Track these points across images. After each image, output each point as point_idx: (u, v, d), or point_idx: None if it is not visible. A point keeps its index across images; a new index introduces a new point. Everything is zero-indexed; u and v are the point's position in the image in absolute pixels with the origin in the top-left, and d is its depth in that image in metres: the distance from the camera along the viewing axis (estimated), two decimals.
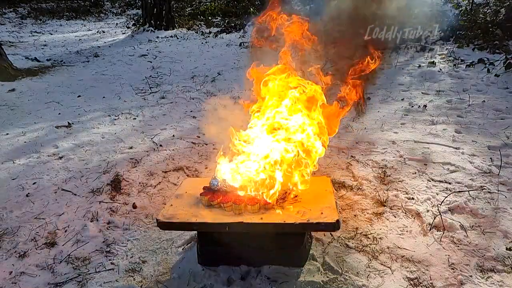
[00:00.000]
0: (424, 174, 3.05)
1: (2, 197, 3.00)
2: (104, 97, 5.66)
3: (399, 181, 2.98)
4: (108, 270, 2.26)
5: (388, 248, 2.28)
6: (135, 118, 4.69)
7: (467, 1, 8.48)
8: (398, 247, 2.29)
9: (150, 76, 6.69)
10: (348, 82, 2.41)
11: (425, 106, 4.54)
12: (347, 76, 2.41)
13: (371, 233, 2.42)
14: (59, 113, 4.99)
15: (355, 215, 2.61)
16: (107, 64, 7.88)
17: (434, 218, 2.49)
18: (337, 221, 1.90)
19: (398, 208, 2.65)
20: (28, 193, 3.03)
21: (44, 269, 2.29)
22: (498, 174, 2.96)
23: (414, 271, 2.11)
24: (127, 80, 6.55)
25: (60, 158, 3.64)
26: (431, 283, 2.02)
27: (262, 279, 2.07)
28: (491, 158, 3.22)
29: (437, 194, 2.77)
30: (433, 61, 6.36)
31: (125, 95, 5.67)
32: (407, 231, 2.43)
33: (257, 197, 2.10)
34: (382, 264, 2.16)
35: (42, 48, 9.61)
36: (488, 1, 8.58)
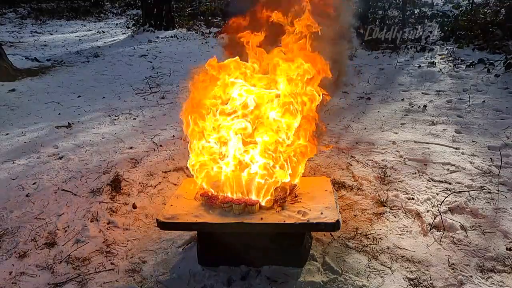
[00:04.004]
0: (424, 174, 3.05)
1: (2, 197, 2.99)
2: (104, 97, 5.66)
3: (399, 181, 2.98)
4: (108, 270, 2.26)
5: (388, 248, 2.28)
6: (135, 118, 4.69)
7: (467, 1, 8.49)
8: (398, 247, 2.28)
9: (150, 76, 6.69)
10: None
11: (425, 106, 4.54)
12: None
13: (371, 233, 2.42)
14: (59, 113, 4.99)
15: (355, 215, 2.61)
16: (107, 64, 7.87)
17: (434, 218, 2.49)
18: (337, 221, 1.90)
19: (398, 208, 2.65)
20: (28, 193, 3.03)
21: (44, 269, 2.29)
22: (498, 174, 2.96)
23: (414, 271, 2.11)
24: (127, 80, 6.55)
25: (60, 158, 3.64)
26: (431, 283, 2.02)
27: (262, 279, 2.08)
28: (491, 158, 3.22)
29: (437, 194, 2.77)
30: (433, 61, 6.36)
31: (125, 95, 5.67)
32: (407, 231, 2.43)
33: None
34: (382, 264, 2.16)
35: (42, 48, 9.60)
36: (488, 1, 8.59)
